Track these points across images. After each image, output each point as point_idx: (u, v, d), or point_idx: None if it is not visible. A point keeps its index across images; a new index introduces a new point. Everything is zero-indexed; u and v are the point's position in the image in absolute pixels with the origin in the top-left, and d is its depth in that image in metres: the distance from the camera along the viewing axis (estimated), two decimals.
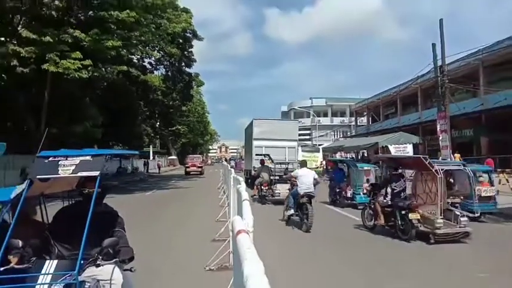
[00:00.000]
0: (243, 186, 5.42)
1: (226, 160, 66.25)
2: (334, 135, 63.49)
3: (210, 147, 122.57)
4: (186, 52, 30.00)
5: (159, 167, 49.61)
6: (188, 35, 29.37)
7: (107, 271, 3.01)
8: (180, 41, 28.73)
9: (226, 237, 7.11)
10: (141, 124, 36.55)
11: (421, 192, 9.51)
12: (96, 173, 3.00)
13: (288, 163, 16.47)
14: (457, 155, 22.90)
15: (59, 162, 3.02)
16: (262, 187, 15.59)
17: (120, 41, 18.85)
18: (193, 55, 31.14)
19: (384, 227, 9.20)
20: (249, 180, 18.26)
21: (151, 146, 53.86)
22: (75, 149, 3.76)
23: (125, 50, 20.05)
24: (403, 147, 23.34)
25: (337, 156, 37.34)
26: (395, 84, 40.01)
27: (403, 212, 8.59)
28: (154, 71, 32.96)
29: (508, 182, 15.82)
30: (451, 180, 11.34)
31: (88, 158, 3.07)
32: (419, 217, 8.39)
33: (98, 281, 2.98)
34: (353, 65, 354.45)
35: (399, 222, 8.69)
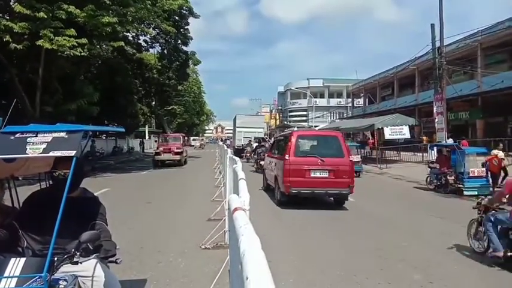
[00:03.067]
0: (239, 166, 5.42)
1: (222, 140, 66.17)
2: (331, 116, 63.39)
3: (206, 127, 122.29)
4: (182, 30, 29.51)
5: None
6: (184, 12, 28.85)
7: (88, 267, 2.64)
8: (176, 18, 28.23)
9: (222, 217, 7.17)
10: (136, 103, 36.22)
11: None
12: (72, 153, 2.46)
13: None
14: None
15: (28, 140, 2.51)
16: (247, 154, 27.77)
17: (115, 18, 18.51)
18: (189, 33, 30.65)
19: (259, 169, 17.98)
20: (234, 152, 24.04)
21: (147, 126, 53.65)
22: None
23: (120, 27, 19.72)
24: (399, 129, 23.37)
25: None
26: (392, 65, 39.87)
27: (261, 163, 16.85)
28: (150, 49, 32.51)
29: None
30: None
31: (62, 134, 2.58)
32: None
33: (76, 277, 2.59)
34: (350, 45, 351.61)
35: (260, 166, 17.79)
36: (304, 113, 68.54)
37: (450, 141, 18.18)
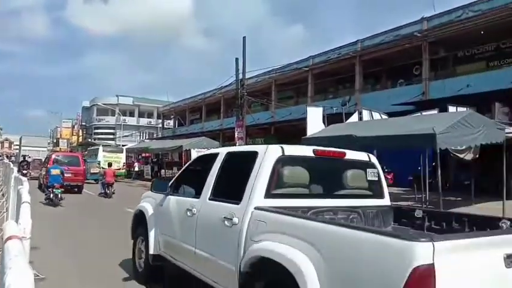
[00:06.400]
0: (25, 187, 4.78)
1: (7, 157, 57.04)
2: (140, 136, 62.18)
3: None
4: None
5: None
6: None
7: None
8: None
9: None
10: None
11: None
12: None
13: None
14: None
15: None
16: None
17: None
18: None
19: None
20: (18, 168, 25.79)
21: None
22: None
23: None
24: (204, 151, 24.68)
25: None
26: (202, 90, 42.15)
27: (24, 172, 22.00)
28: None
29: None
30: None
31: None
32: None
33: None
34: (162, 67, 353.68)
35: (23, 174, 18.26)
36: (112, 130, 65.26)
37: None
